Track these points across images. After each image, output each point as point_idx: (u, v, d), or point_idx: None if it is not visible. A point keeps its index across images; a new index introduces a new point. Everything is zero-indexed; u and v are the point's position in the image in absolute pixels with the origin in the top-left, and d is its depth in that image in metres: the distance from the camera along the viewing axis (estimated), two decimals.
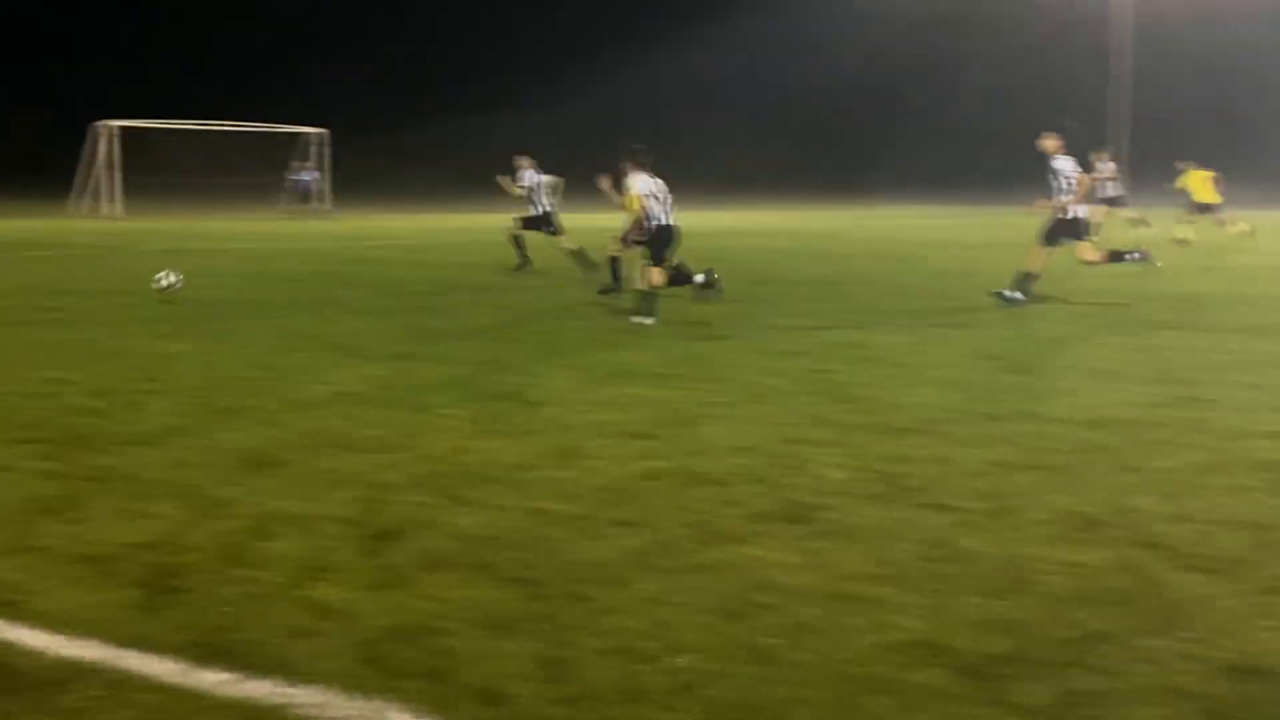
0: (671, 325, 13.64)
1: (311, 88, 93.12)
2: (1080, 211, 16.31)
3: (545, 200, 21.60)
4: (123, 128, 47.44)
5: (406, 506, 6.12)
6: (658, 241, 14.56)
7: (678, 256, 14.94)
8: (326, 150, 52.13)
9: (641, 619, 4.66)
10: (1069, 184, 15.95)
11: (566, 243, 20.96)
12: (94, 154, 47.07)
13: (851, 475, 6.84)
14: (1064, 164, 16.02)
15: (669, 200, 14.78)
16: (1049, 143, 16.16)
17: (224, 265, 22.16)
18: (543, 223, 21.61)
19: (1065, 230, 16.19)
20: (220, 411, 8.48)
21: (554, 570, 5.21)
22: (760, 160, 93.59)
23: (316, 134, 52.04)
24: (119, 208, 45.17)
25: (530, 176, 21.82)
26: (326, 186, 51.64)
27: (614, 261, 16.37)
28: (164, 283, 16.14)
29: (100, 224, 38.16)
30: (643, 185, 14.62)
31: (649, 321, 13.67)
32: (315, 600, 4.81)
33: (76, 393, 9.14)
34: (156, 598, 4.81)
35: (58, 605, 4.72)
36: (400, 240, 32.29)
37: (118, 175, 46.41)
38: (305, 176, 46.59)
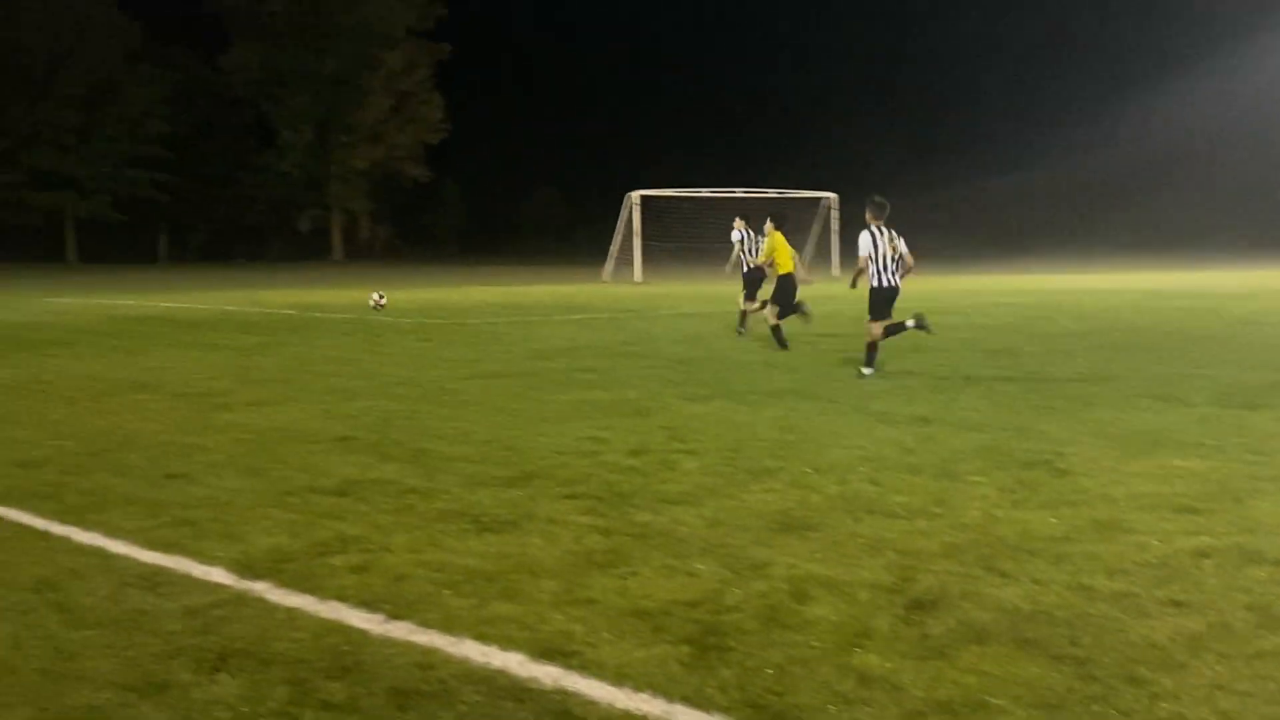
0: (1212, 390, 12.89)
1: (822, 152, 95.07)
2: None
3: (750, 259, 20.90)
4: (645, 197, 49.92)
5: (942, 575, 6.01)
6: (886, 303, 14.92)
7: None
8: (835, 213, 52.89)
9: (1203, 707, 4.37)
10: None
11: (750, 306, 20.41)
12: (624, 222, 49.74)
13: None
14: None
15: (898, 258, 14.95)
16: None
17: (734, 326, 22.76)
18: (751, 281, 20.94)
19: None
20: (749, 472, 8.65)
21: (1104, 650, 4.96)
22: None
23: (827, 198, 52.92)
24: (639, 273, 47.43)
25: (737, 235, 21.45)
26: (834, 248, 52.34)
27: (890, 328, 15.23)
28: (372, 302, 22.24)
29: (625, 289, 40.20)
30: (866, 244, 14.83)
31: (868, 372, 14.62)
32: (856, 667, 4.79)
33: (613, 451, 9.56)
34: (704, 655, 4.92)
35: (613, 657, 4.91)
36: (911, 302, 32.18)
37: (638, 242, 48.79)
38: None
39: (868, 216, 15.07)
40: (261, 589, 5.88)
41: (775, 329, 18.50)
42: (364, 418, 11.45)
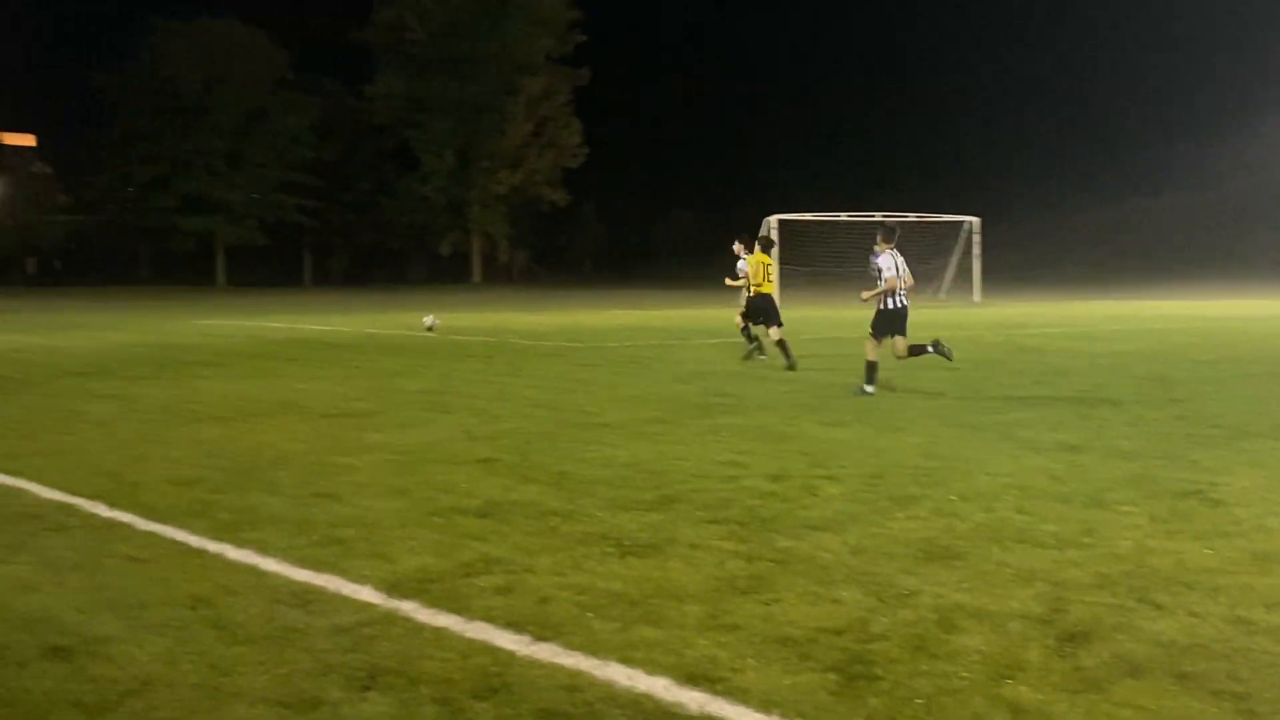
0: None
1: (963, 175, 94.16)
2: None
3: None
4: (782, 220, 49.79)
5: (1094, 607, 5.88)
6: (890, 324, 15.56)
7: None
8: (977, 238, 52.25)
9: None
10: None
11: (775, 333, 20.17)
12: None
13: None
14: None
15: (909, 282, 15.81)
16: None
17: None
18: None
19: None
20: (893, 499, 8.55)
21: (1265, 684, 4.84)
22: None
23: (968, 221, 52.31)
24: (777, 297, 47.20)
25: (742, 266, 21.32)
26: (975, 273, 51.65)
27: (870, 365, 15.57)
28: (427, 322, 23.59)
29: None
30: (889, 265, 15.51)
31: (870, 389, 15.18)
32: (1008, 699, 4.70)
33: (754, 476, 9.53)
34: (851, 684, 4.87)
35: (759, 684, 4.88)
36: (1056, 327, 31.70)
37: (776, 266, 48.59)
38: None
39: (880, 240, 15.84)
40: (409, 608, 5.95)
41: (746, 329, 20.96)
42: (506, 440, 11.56)
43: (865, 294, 16.19)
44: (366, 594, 6.21)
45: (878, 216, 50.15)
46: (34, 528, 7.85)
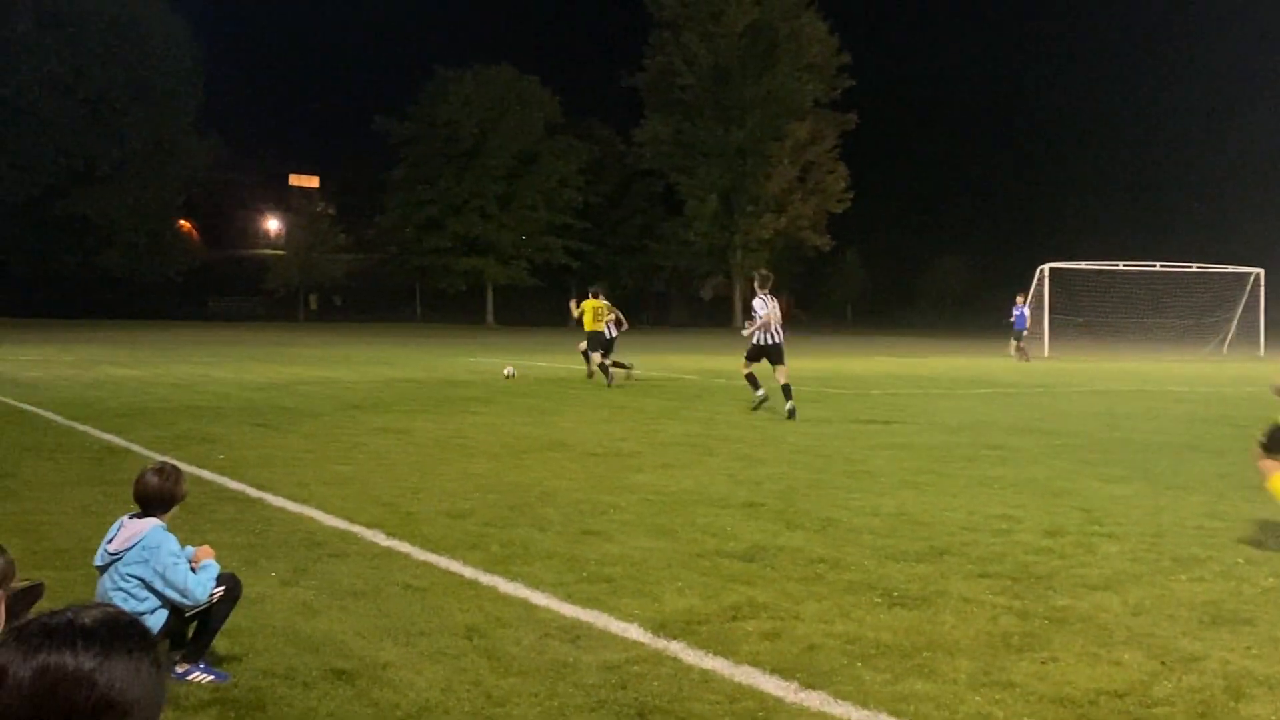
0: None
1: (1251, 225, 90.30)
2: None
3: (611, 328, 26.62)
4: (1054, 269, 48.60)
5: None
6: (761, 352, 19.06)
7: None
8: (1262, 290, 50.01)
9: None
10: None
11: (598, 357, 25.94)
12: (1033, 295, 48.46)
13: None
14: None
15: (779, 321, 19.15)
16: None
17: (1157, 407, 21.77)
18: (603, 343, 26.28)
19: None
20: (1175, 560, 8.22)
21: None
22: None
23: (1253, 273, 50.13)
24: (1047, 348, 46.01)
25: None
26: (1260, 327, 49.40)
27: (749, 377, 19.67)
28: (507, 372, 26.63)
29: (1032, 364, 39.04)
30: (761, 307, 18.96)
31: (760, 393, 19.16)
32: None
33: (1027, 530, 9.29)
34: None
35: None
36: None
37: (1047, 316, 47.40)
38: (1020, 312, 43.51)
39: (756, 285, 19.28)
40: (676, 649, 5.98)
41: (603, 367, 25.57)
42: (769, 484, 11.54)
43: (745, 329, 19.55)
44: (634, 632, 6.26)
45: (1157, 267, 48.55)
46: (318, 553, 8.19)
